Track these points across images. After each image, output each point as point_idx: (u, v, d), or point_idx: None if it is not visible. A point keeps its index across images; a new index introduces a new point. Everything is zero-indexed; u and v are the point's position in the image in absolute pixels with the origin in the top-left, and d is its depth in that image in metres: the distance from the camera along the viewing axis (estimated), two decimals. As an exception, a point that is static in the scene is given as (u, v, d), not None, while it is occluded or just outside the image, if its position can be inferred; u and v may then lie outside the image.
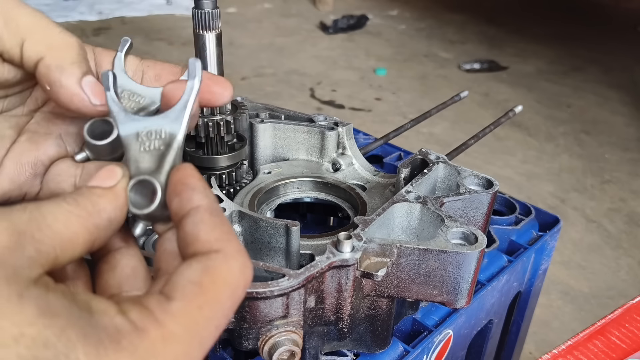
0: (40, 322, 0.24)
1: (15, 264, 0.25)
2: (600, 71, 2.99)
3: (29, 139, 0.40)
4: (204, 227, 0.30)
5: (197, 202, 0.31)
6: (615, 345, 0.55)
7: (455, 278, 0.48)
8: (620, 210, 1.87)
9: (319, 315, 0.48)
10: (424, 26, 3.70)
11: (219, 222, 0.31)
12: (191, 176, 0.33)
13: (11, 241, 0.26)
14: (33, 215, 0.27)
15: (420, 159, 0.60)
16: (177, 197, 0.32)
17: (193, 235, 0.30)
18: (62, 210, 0.29)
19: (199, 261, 0.29)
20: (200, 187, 0.32)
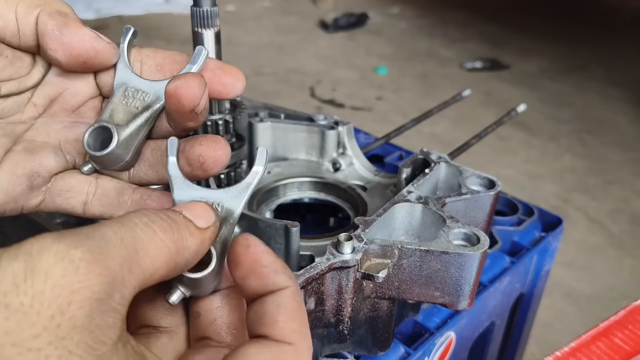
0: None
1: (103, 323, 0.23)
2: (603, 70, 2.98)
3: (25, 149, 0.38)
4: (285, 312, 0.29)
5: (284, 284, 0.30)
6: (618, 347, 0.54)
7: (457, 279, 0.48)
8: (623, 210, 1.86)
9: (319, 317, 0.48)
10: (425, 24, 3.69)
11: (299, 312, 0.30)
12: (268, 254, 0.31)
13: (102, 292, 0.23)
14: (128, 253, 0.25)
15: (422, 158, 0.60)
16: (257, 279, 0.30)
17: (272, 316, 0.29)
18: (155, 242, 0.27)
19: (272, 350, 0.28)
20: (284, 269, 0.31)
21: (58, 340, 0.22)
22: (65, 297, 0.22)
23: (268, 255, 0.31)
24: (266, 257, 0.31)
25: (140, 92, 0.38)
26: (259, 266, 0.30)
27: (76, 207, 0.39)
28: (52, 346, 0.21)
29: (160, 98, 0.37)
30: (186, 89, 0.35)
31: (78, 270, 0.23)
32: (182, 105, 0.35)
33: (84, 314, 0.22)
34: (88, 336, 0.22)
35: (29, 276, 0.22)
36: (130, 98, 0.37)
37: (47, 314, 0.22)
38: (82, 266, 0.23)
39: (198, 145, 0.37)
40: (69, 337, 0.22)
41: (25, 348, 0.21)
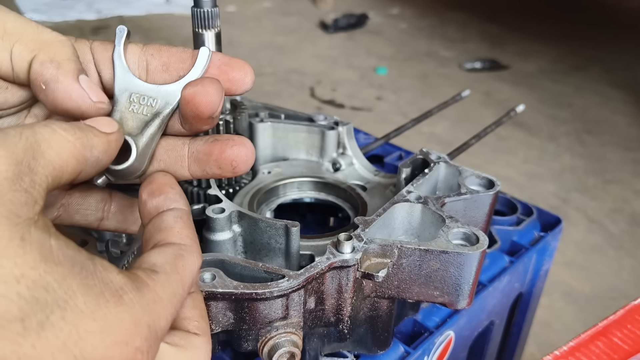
0: (42, 268, 0.24)
1: (15, 199, 0.25)
2: (603, 70, 2.98)
3: None
4: (181, 222, 0.35)
5: (180, 206, 0.37)
6: (617, 346, 0.55)
7: (457, 279, 0.48)
8: (623, 210, 1.86)
9: (319, 316, 0.48)
10: (425, 25, 3.69)
11: (191, 225, 0.36)
12: (176, 184, 0.38)
13: (9, 171, 0.25)
14: (29, 143, 0.27)
15: (421, 158, 0.60)
16: (162, 195, 0.36)
17: (169, 224, 0.35)
18: (56, 137, 0.29)
19: (172, 248, 0.33)
20: (183, 195, 0.38)
21: None
22: None
23: (178, 186, 0.38)
24: (175, 185, 0.37)
25: (147, 98, 0.37)
26: (167, 187, 0.37)
27: (92, 223, 0.42)
28: None
29: (169, 103, 0.37)
30: (205, 97, 0.35)
31: None
32: (201, 112, 0.36)
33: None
34: (1, 207, 0.24)
35: None
36: (136, 104, 0.36)
37: None
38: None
39: (229, 149, 0.38)
40: None
41: None
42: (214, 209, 0.50)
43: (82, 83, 0.35)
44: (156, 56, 0.38)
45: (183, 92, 0.36)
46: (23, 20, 0.35)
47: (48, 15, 3.41)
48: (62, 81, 0.34)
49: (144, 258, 0.32)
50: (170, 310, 0.30)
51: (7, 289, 0.23)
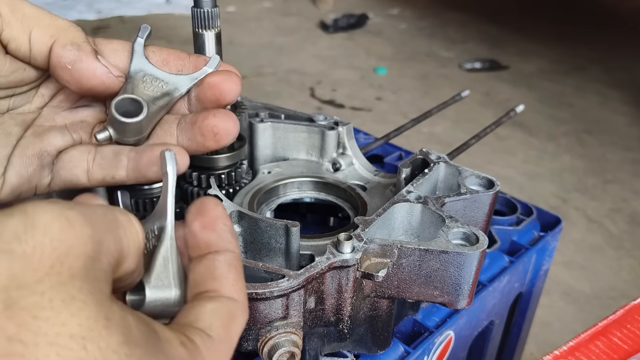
0: (123, 351, 0.24)
1: (97, 277, 0.25)
2: (602, 71, 2.98)
3: (33, 133, 0.41)
4: (235, 272, 0.33)
5: (233, 248, 0.34)
6: (616, 346, 0.55)
7: (456, 279, 0.48)
8: (622, 210, 1.86)
9: (319, 316, 0.48)
10: (425, 25, 3.69)
11: (242, 274, 0.35)
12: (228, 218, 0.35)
13: (93, 250, 0.25)
14: (111, 227, 0.27)
15: (421, 158, 0.60)
16: (215, 233, 0.34)
17: (223, 273, 0.33)
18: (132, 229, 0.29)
19: (227, 306, 0.32)
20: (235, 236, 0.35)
21: (60, 285, 0.23)
22: (64, 249, 0.23)
23: (229, 220, 0.35)
24: (227, 220, 0.35)
25: (158, 80, 0.40)
26: (219, 223, 0.34)
27: (80, 177, 0.41)
28: (55, 290, 0.22)
29: (178, 89, 0.40)
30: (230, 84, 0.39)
31: (74, 228, 0.24)
32: (224, 97, 0.39)
33: (81, 266, 0.24)
34: (88, 284, 0.24)
35: (29, 229, 0.23)
36: (148, 83, 0.40)
37: (48, 263, 0.23)
38: (77, 225, 0.25)
39: (212, 117, 0.39)
40: (70, 283, 0.23)
41: (30, 291, 0.22)
42: (214, 208, 0.50)
43: (102, 61, 0.38)
44: (157, 52, 0.42)
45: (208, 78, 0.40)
46: (37, 7, 0.37)
47: (48, 15, 3.40)
48: (86, 60, 0.37)
49: (199, 314, 0.31)
50: None
51: None
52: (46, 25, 0.37)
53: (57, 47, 0.37)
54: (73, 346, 0.22)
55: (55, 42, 0.37)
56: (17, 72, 0.38)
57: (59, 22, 0.38)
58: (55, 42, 0.37)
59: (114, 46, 0.41)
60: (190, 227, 0.34)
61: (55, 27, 0.37)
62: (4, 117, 0.40)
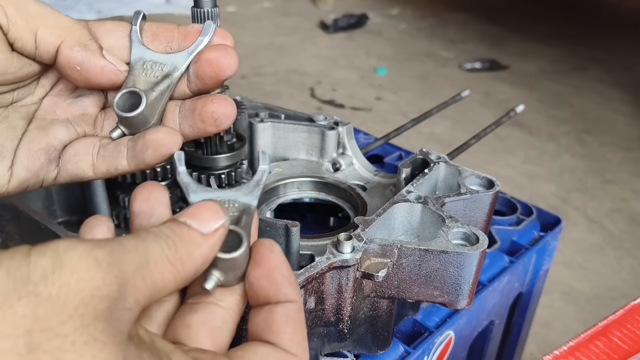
0: None
1: (120, 317, 0.25)
2: (602, 71, 2.98)
3: (38, 126, 0.41)
4: (293, 324, 0.32)
5: (294, 298, 0.33)
6: (616, 346, 0.55)
7: (456, 279, 0.48)
8: (622, 210, 1.86)
9: (319, 316, 0.48)
10: (425, 25, 3.69)
11: (303, 325, 0.33)
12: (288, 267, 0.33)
13: (118, 292, 0.25)
14: (141, 262, 0.27)
15: (421, 158, 0.60)
16: (274, 285, 0.32)
17: (281, 326, 0.32)
18: (163, 258, 0.28)
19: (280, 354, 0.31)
20: (296, 282, 0.34)
21: (83, 327, 0.23)
22: (89, 290, 0.24)
23: (287, 266, 0.33)
24: (285, 268, 0.33)
25: (157, 64, 0.41)
26: (277, 273, 0.33)
27: (86, 170, 0.42)
28: (78, 332, 0.23)
29: (177, 68, 0.41)
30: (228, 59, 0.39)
31: (100, 268, 0.24)
32: (223, 73, 0.39)
33: (105, 308, 0.24)
34: (110, 327, 0.24)
35: (57, 269, 0.23)
36: (148, 70, 0.40)
37: (72, 304, 0.23)
38: (104, 265, 0.25)
39: (210, 103, 0.40)
40: (93, 325, 0.23)
41: (53, 334, 0.22)
42: (214, 208, 0.50)
43: (108, 57, 0.39)
44: (147, 29, 0.43)
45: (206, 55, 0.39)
46: (41, 5, 0.38)
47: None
48: (93, 60, 0.38)
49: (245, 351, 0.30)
50: None
51: None
52: (52, 25, 0.37)
53: (65, 48, 0.38)
54: None
55: (62, 43, 0.38)
56: (24, 68, 0.39)
57: (64, 21, 0.38)
58: (62, 43, 0.38)
59: (107, 27, 0.42)
60: (247, 277, 0.33)
61: (61, 27, 0.38)
62: (8, 110, 0.40)
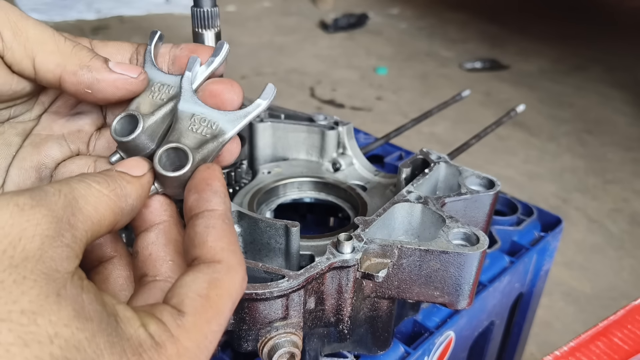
0: (74, 325, 0.24)
1: (56, 255, 0.25)
2: (603, 70, 2.98)
3: (32, 143, 0.40)
4: (214, 232, 0.31)
5: (214, 206, 0.33)
6: (617, 346, 0.55)
7: (457, 279, 0.48)
8: (623, 210, 1.86)
9: (319, 316, 0.48)
10: (425, 25, 3.69)
11: (228, 231, 0.32)
12: (217, 178, 0.34)
13: (50, 229, 0.26)
14: (67, 200, 0.28)
15: (421, 158, 0.60)
16: (196, 193, 0.33)
17: (202, 238, 0.31)
18: (92, 191, 0.29)
19: (205, 272, 0.30)
20: (222, 191, 0.34)
21: (12, 267, 0.24)
22: (16, 234, 0.25)
23: (218, 181, 0.34)
24: (216, 181, 0.34)
25: (165, 86, 0.39)
26: (204, 183, 0.34)
27: None
28: (7, 273, 0.24)
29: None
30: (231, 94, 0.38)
31: (24, 212, 0.25)
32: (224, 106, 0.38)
33: (36, 247, 0.25)
34: (42, 265, 0.25)
35: None
36: (156, 92, 0.39)
37: (0, 249, 0.24)
38: (26, 208, 0.25)
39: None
40: (22, 265, 0.24)
41: None
42: (214, 209, 0.50)
43: (116, 69, 0.38)
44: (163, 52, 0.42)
45: (210, 86, 0.39)
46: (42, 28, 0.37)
47: (48, 15, 3.41)
48: (102, 79, 0.37)
49: (175, 288, 0.29)
50: (200, 356, 0.28)
51: (40, 349, 0.23)
52: (50, 51, 0.36)
53: (69, 75, 0.36)
54: (24, 321, 0.23)
55: (63, 71, 0.36)
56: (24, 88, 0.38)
57: (64, 47, 0.37)
58: (63, 71, 0.36)
59: (109, 50, 0.40)
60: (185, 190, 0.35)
61: (60, 53, 0.36)
62: (4, 126, 0.40)
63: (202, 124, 0.37)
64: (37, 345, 0.23)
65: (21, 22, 0.36)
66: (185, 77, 0.39)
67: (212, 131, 0.37)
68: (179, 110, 0.38)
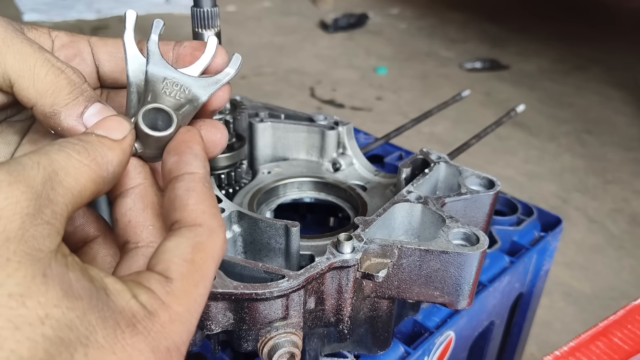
0: (64, 305, 0.24)
1: (37, 233, 0.25)
2: (603, 70, 2.98)
3: (30, 140, 0.40)
4: (195, 195, 0.31)
5: (194, 169, 0.32)
6: (617, 346, 0.55)
7: (457, 279, 0.48)
8: (623, 210, 1.86)
9: (319, 316, 0.48)
10: (425, 25, 3.69)
11: (209, 195, 0.32)
12: (197, 142, 0.34)
13: (30, 207, 0.25)
14: (47, 173, 0.27)
15: (421, 158, 0.60)
16: (177, 155, 0.33)
17: (182, 200, 0.31)
18: (73, 163, 0.29)
19: (187, 236, 0.30)
20: (202, 155, 0.33)
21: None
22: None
23: (198, 144, 0.33)
24: (196, 145, 0.33)
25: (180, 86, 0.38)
26: (184, 145, 0.33)
27: None
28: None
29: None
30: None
31: (1, 189, 0.24)
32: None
33: (17, 227, 0.24)
34: (24, 245, 0.24)
35: None
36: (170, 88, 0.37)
37: None
38: (4, 185, 0.25)
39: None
40: (4, 247, 0.23)
41: None
42: (214, 209, 0.49)
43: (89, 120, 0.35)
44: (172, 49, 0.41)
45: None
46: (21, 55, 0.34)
47: (48, 15, 3.41)
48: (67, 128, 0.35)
49: (160, 253, 0.29)
50: (192, 321, 0.29)
51: (32, 331, 0.23)
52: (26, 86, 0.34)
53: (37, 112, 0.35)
54: (12, 304, 0.23)
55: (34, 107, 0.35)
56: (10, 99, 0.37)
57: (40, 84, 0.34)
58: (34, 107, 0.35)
59: (109, 49, 0.40)
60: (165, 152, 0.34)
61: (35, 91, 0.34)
62: (2, 125, 0.39)
63: (175, 88, 0.37)
64: (28, 328, 0.23)
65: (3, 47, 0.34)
66: (151, 40, 0.38)
67: (185, 95, 0.37)
68: (149, 73, 0.37)
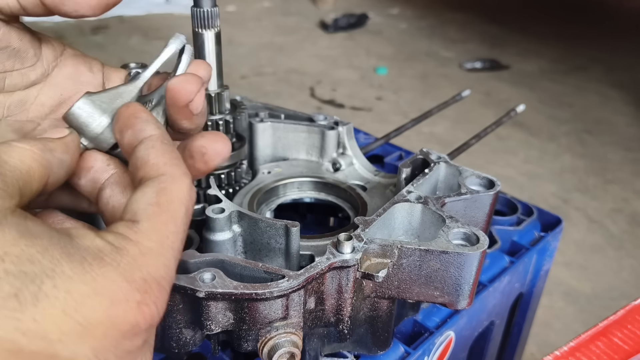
0: (22, 243, 0.25)
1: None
2: (603, 71, 2.98)
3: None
4: (154, 152, 0.33)
5: (150, 132, 0.34)
6: (617, 346, 0.55)
7: (457, 279, 0.48)
8: (623, 210, 1.86)
9: (319, 316, 0.48)
10: (425, 25, 3.69)
11: (169, 149, 0.33)
12: (141, 111, 0.35)
13: None
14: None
15: (421, 158, 0.60)
16: (129, 129, 0.34)
17: (143, 159, 0.33)
18: (14, 148, 0.30)
19: (151, 185, 0.31)
20: (152, 120, 0.35)
21: None
22: None
23: (144, 112, 0.35)
24: (142, 113, 0.35)
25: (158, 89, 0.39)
26: (132, 118, 0.35)
27: None
28: None
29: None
30: (183, 84, 0.37)
31: None
32: (177, 99, 0.38)
33: None
34: None
35: None
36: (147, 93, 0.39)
37: None
38: None
39: (200, 137, 0.39)
40: None
41: None
42: (214, 209, 0.50)
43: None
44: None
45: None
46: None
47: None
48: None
49: (127, 206, 0.31)
50: (167, 255, 0.29)
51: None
52: None
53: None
54: None
55: None
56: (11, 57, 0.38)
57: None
58: None
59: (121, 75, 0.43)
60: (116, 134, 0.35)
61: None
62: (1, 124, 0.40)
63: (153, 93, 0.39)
64: None
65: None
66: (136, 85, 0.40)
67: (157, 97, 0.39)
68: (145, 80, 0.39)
